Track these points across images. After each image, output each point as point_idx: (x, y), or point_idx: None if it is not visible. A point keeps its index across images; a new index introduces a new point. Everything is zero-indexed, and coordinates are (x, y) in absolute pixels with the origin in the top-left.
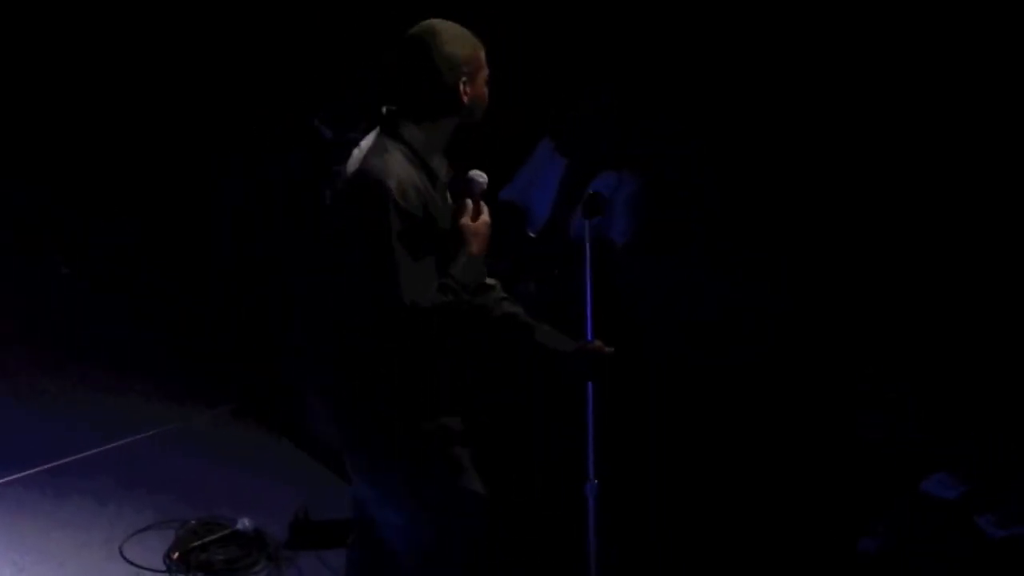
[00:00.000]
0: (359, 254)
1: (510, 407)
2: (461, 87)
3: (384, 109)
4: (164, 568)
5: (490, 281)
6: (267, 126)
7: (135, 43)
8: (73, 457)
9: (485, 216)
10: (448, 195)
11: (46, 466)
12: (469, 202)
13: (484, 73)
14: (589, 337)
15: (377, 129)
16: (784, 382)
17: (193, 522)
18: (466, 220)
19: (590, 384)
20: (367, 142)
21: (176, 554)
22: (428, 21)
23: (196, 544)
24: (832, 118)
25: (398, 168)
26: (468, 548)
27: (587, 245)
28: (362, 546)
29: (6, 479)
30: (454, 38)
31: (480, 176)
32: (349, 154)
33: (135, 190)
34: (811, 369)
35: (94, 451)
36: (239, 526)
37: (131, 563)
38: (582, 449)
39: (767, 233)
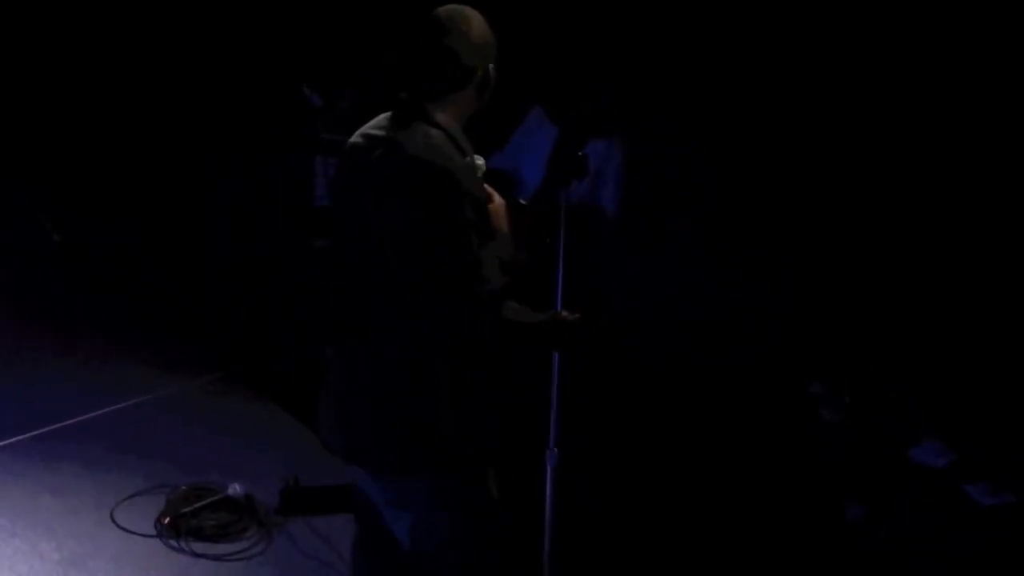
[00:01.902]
0: (434, 247)
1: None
2: (490, 72)
3: (403, 94)
4: (155, 533)
5: None
6: (267, 126)
7: (135, 43)
8: (63, 423)
9: (497, 197)
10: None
11: (36, 432)
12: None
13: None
14: (558, 307)
15: (396, 112)
16: (784, 382)
17: (184, 488)
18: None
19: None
20: (383, 122)
21: (167, 519)
22: (454, 5)
23: (187, 510)
24: (832, 118)
25: (450, 153)
26: (475, 551)
27: (563, 211)
28: (366, 546)
29: None
30: (481, 22)
31: (477, 159)
32: (339, 123)
33: (135, 190)
34: (811, 369)
35: (84, 417)
36: (230, 492)
37: (122, 528)
38: (545, 418)
39: (767, 233)
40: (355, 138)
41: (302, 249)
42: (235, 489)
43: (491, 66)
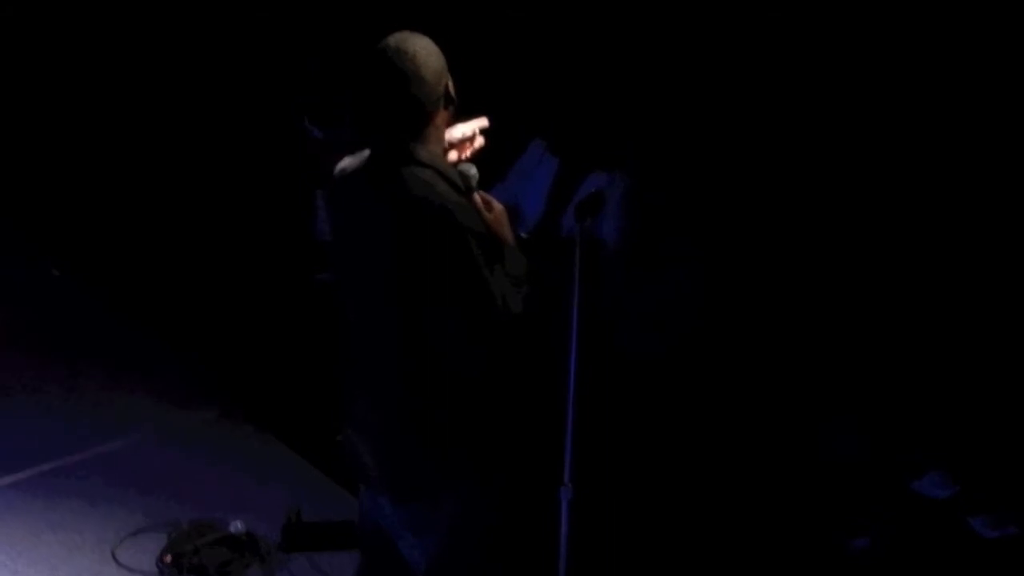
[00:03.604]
0: (445, 284)
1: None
2: (450, 87)
3: (378, 138)
4: (157, 571)
5: None
6: (268, 129)
7: (135, 46)
8: (64, 460)
9: (496, 203)
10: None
11: (37, 469)
12: (478, 197)
13: None
14: (574, 343)
15: (381, 153)
16: (776, 387)
17: (185, 524)
18: (486, 216)
19: (571, 383)
20: (370, 164)
21: (169, 557)
22: (395, 43)
23: (189, 547)
24: (829, 122)
25: (445, 191)
26: (485, 565)
27: (577, 248)
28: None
29: None
30: (428, 49)
31: (471, 168)
32: (339, 155)
33: (135, 195)
34: (804, 376)
35: (85, 454)
36: (231, 528)
37: (123, 566)
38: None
39: (764, 237)
40: (343, 175)
41: (305, 280)
42: (237, 526)
43: (449, 83)
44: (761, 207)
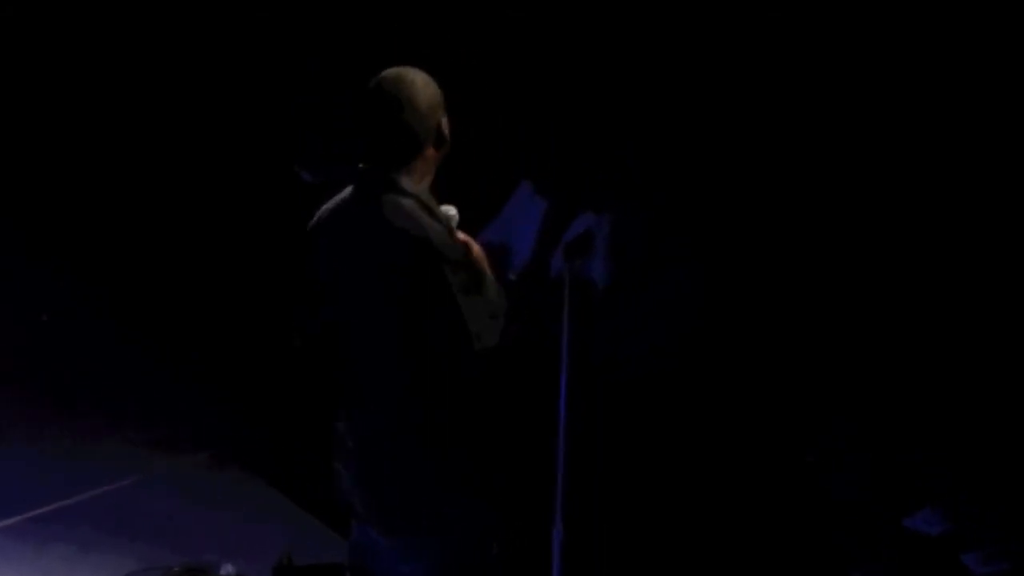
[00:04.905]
0: (425, 312)
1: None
2: (443, 125)
3: (366, 166)
4: None
5: None
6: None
7: (139, 55)
8: (54, 505)
9: (475, 245)
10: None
11: (27, 514)
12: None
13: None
14: (563, 382)
15: (364, 185)
16: (772, 399)
17: (176, 568)
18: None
19: (562, 423)
20: (355, 196)
21: None
22: (394, 72)
23: None
24: (829, 122)
25: (425, 222)
26: None
27: (567, 289)
28: None
29: None
30: (426, 81)
31: (451, 209)
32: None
33: (126, 257)
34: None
35: (75, 499)
36: (222, 571)
37: None
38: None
39: (764, 238)
40: (328, 213)
41: (299, 323)
42: (227, 569)
43: (443, 119)
44: (761, 207)
